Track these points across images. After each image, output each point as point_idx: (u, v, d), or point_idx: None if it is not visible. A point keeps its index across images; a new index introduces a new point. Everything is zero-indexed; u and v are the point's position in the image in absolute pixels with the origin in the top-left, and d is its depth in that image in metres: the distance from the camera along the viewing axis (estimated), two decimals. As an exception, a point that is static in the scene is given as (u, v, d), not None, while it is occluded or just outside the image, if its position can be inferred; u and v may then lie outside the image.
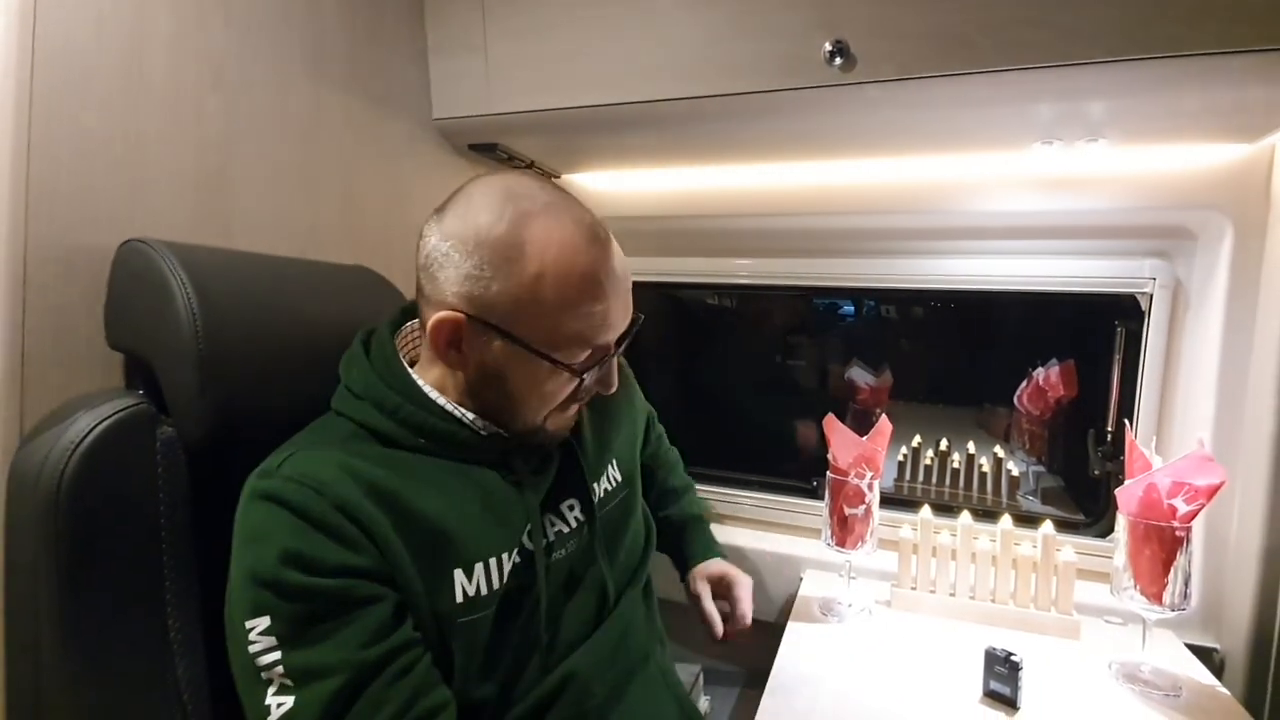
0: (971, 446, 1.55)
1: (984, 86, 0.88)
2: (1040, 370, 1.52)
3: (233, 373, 0.68)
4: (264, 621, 0.54)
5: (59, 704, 0.58)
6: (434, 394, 0.67)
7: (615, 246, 0.66)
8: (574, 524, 0.74)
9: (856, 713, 0.85)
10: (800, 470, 1.55)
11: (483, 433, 0.68)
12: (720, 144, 1.22)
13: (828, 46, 0.90)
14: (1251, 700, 0.99)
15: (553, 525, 0.72)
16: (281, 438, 0.79)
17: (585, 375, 0.65)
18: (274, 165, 0.90)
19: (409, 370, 0.68)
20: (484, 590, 0.62)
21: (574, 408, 0.70)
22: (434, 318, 0.62)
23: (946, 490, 1.52)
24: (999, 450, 1.53)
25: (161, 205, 0.76)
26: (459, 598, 0.61)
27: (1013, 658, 0.86)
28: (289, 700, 0.53)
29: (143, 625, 0.63)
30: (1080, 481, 1.44)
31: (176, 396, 0.66)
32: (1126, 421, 1.05)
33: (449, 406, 0.67)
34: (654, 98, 1.03)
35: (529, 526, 0.67)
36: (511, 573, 0.65)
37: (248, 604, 0.55)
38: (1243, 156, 1.03)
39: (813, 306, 1.88)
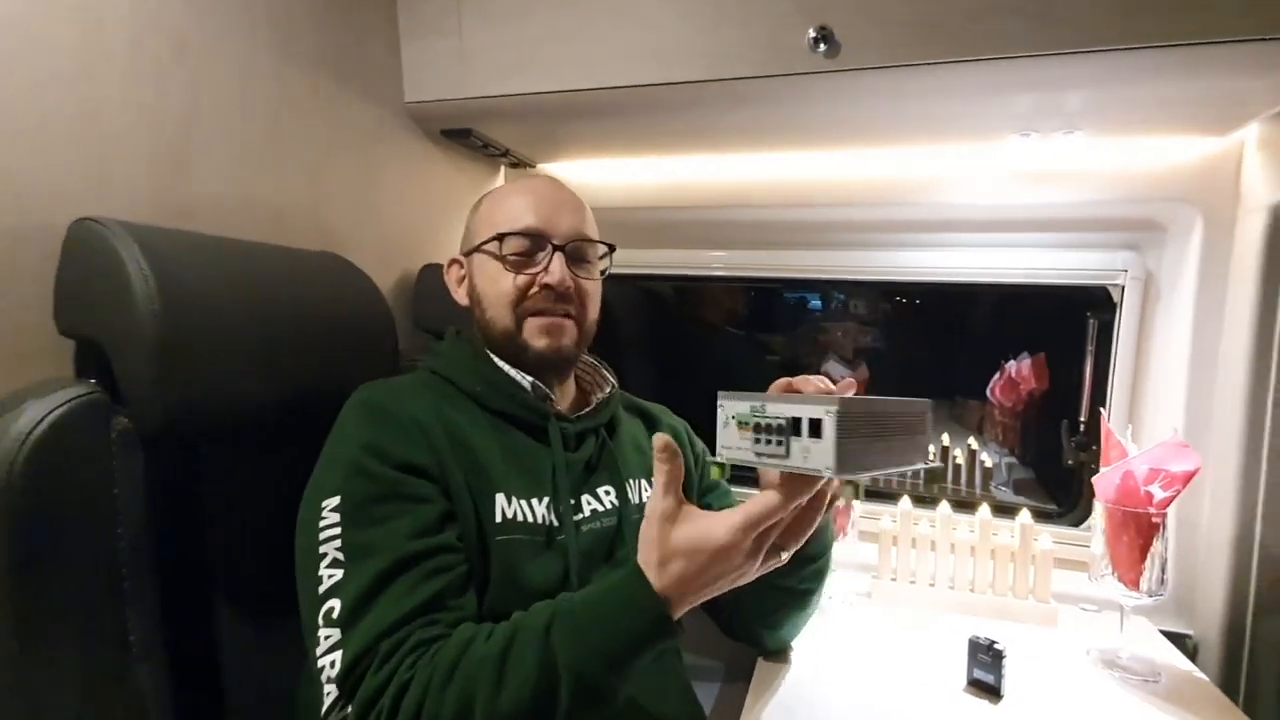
0: (946, 439, 1.56)
1: (967, 75, 0.88)
2: (1012, 363, 1.54)
3: (193, 361, 0.65)
4: (336, 499, 0.64)
5: (11, 710, 0.54)
6: (493, 356, 0.80)
7: (556, 178, 0.85)
8: (608, 506, 0.79)
9: (843, 705, 0.84)
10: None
11: (523, 382, 0.78)
12: (699, 133, 1.21)
13: (812, 33, 0.89)
14: (1226, 685, 1.01)
15: (588, 503, 0.78)
16: (246, 430, 0.75)
17: (514, 257, 0.77)
18: (238, 145, 0.86)
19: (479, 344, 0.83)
20: (520, 518, 0.71)
21: (547, 320, 0.77)
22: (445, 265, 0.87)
23: (922, 482, 1.53)
24: (973, 442, 1.55)
25: (117, 183, 0.72)
26: (498, 517, 0.70)
27: (996, 646, 0.86)
28: (339, 573, 0.61)
29: (99, 627, 0.59)
30: (1052, 472, 1.46)
31: (132, 386, 0.62)
32: (1102, 410, 1.06)
33: (499, 363, 0.80)
34: (634, 83, 1.01)
35: (559, 490, 0.75)
36: (545, 519, 0.73)
37: (328, 484, 0.65)
38: (1212, 150, 1.05)
39: (784, 300, 1.88)
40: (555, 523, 0.74)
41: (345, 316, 0.86)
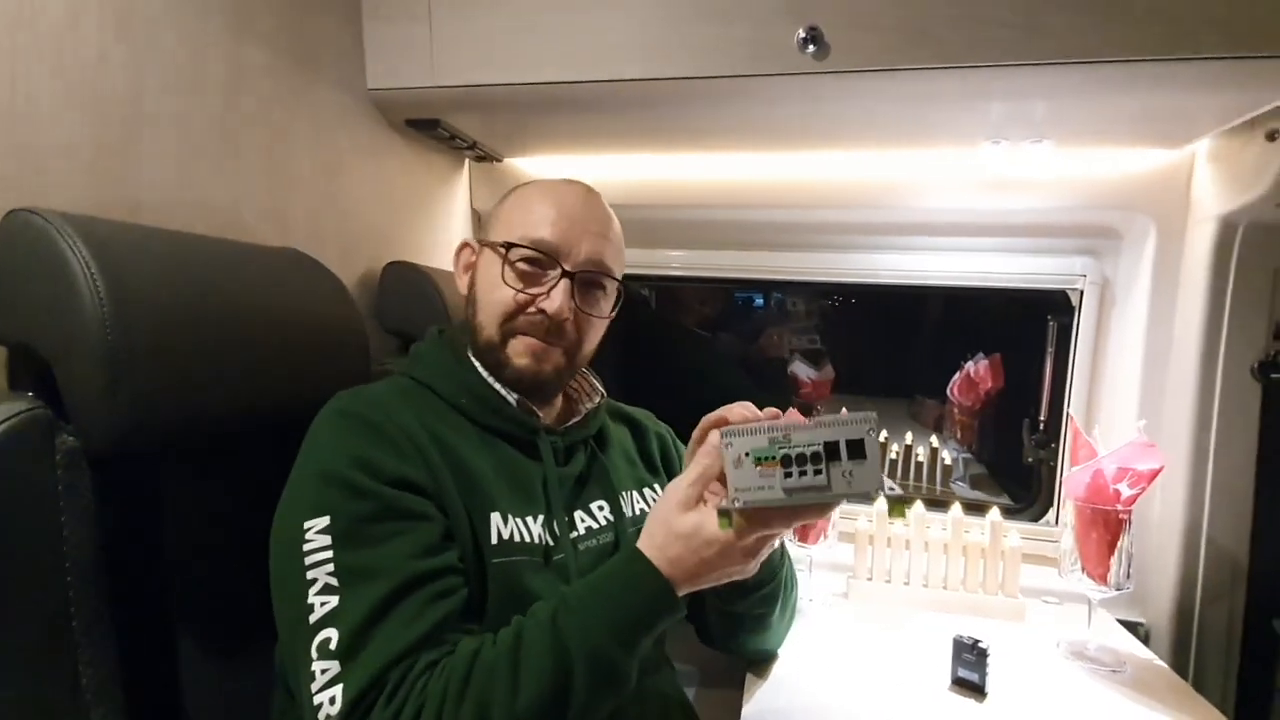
0: (909, 437, 1.60)
1: (950, 81, 0.89)
2: (971, 363, 1.59)
3: (148, 369, 0.58)
4: (323, 520, 0.58)
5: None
6: (477, 365, 0.75)
7: (591, 192, 0.76)
8: (603, 522, 0.76)
9: (838, 709, 0.84)
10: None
11: (509, 398, 0.73)
12: (675, 131, 1.19)
13: (801, 33, 0.88)
14: (1177, 668, 1.06)
15: (582, 520, 0.74)
16: (207, 446, 0.69)
17: (518, 269, 0.71)
18: (189, 131, 0.78)
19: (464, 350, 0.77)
20: (517, 539, 0.67)
21: (533, 344, 0.72)
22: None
23: (896, 479, 1.57)
24: (934, 440, 1.59)
25: (53, 172, 0.64)
26: (494, 539, 0.65)
27: (980, 645, 0.87)
28: (333, 600, 0.55)
29: (49, 672, 0.53)
30: (1009, 468, 1.52)
31: (79, 398, 0.55)
32: (1071, 413, 1.10)
33: (483, 373, 0.74)
34: (614, 77, 0.98)
35: (553, 507, 0.71)
36: (541, 538, 0.68)
37: (310, 503, 0.59)
38: (1166, 162, 1.10)
39: (748, 301, 1.89)
40: (551, 542, 0.70)
41: (312, 319, 0.80)
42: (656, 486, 0.85)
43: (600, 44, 0.97)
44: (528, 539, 0.68)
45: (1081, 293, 1.23)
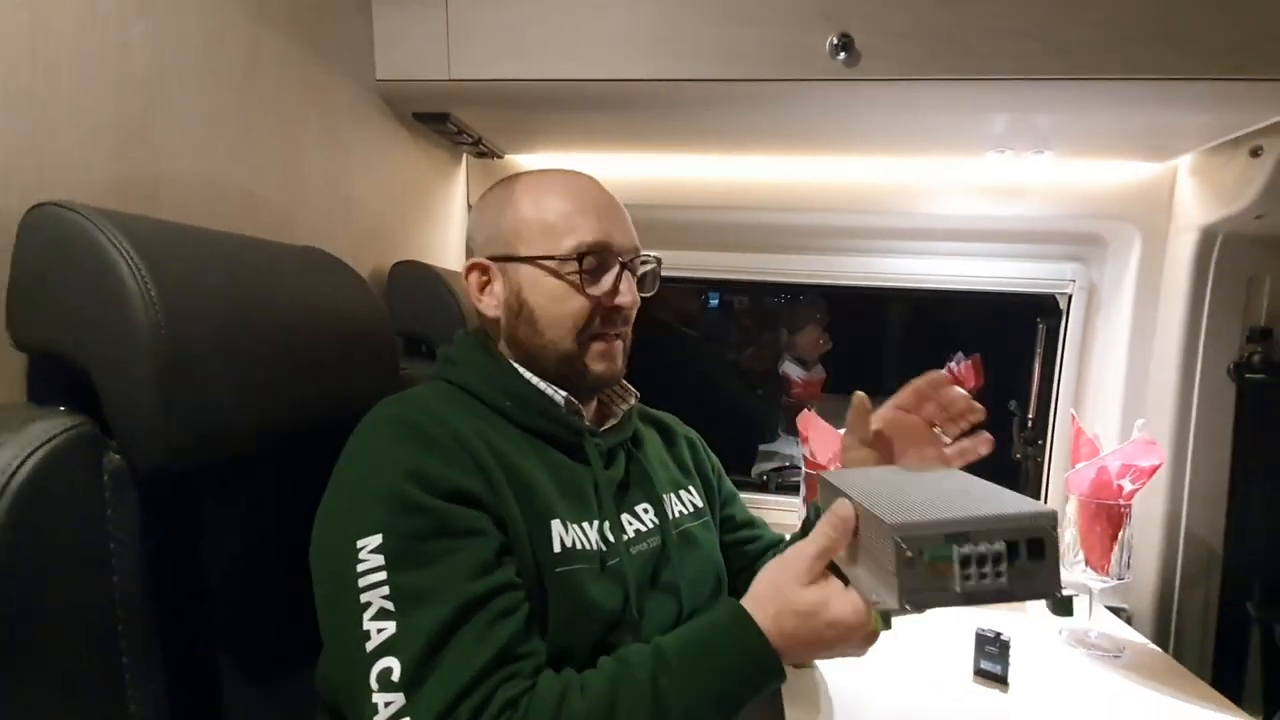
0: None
1: (971, 92, 0.92)
2: (953, 363, 1.65)
3: (201, 380, 0.54)
4: (376, 539, 0.54)
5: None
6: (518, 366, 0.72)
7: (594, 179, 0.75)
8: (649, 525, 0.74)
9: (875, 703, 0.85)
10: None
11: (556, 397, 0.70)
12: (687, 132, 1.19)
13: (833, 39, 0.89)
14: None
15: (630, 524, 0.72)
16: (256, 459, 0.65)
17: (587, 276, 0.68)
18: (209, 117, 0.73)
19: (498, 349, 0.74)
20: (578, 546, 0.64)
21: (608, 344, 0.71)
22: (465, 268, 0.74)
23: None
24: (921, 438, 1.64)
25: (72, 160, 0.58)
26: (556, 547, 0.62)
27: (1002, 637, 0.91)
28: (390, 626, 0.52)
29: (97, 706, 0.48)
30: (991, 464, 1.58)
31: (127, 412, 0.51)
32: (1073, 412, 1.16)
33: (526, 374, 0.71)
34: (639, 76, 0.96)
35: (605, 511, 0.69)
36: (597, 544, 0.66)
37: (361, 519, 0.55)
38: (1152, 175, 1.17)
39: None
40: (605, 548, 0.68)
41: (343, 323, 0.76)
42: (692, 489, 0.84)
43: (626, 41, 0.95)
44: (587, 546, 0.66)
45: (1070, 297, 1.29)
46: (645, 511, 0.75)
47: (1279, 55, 0.84)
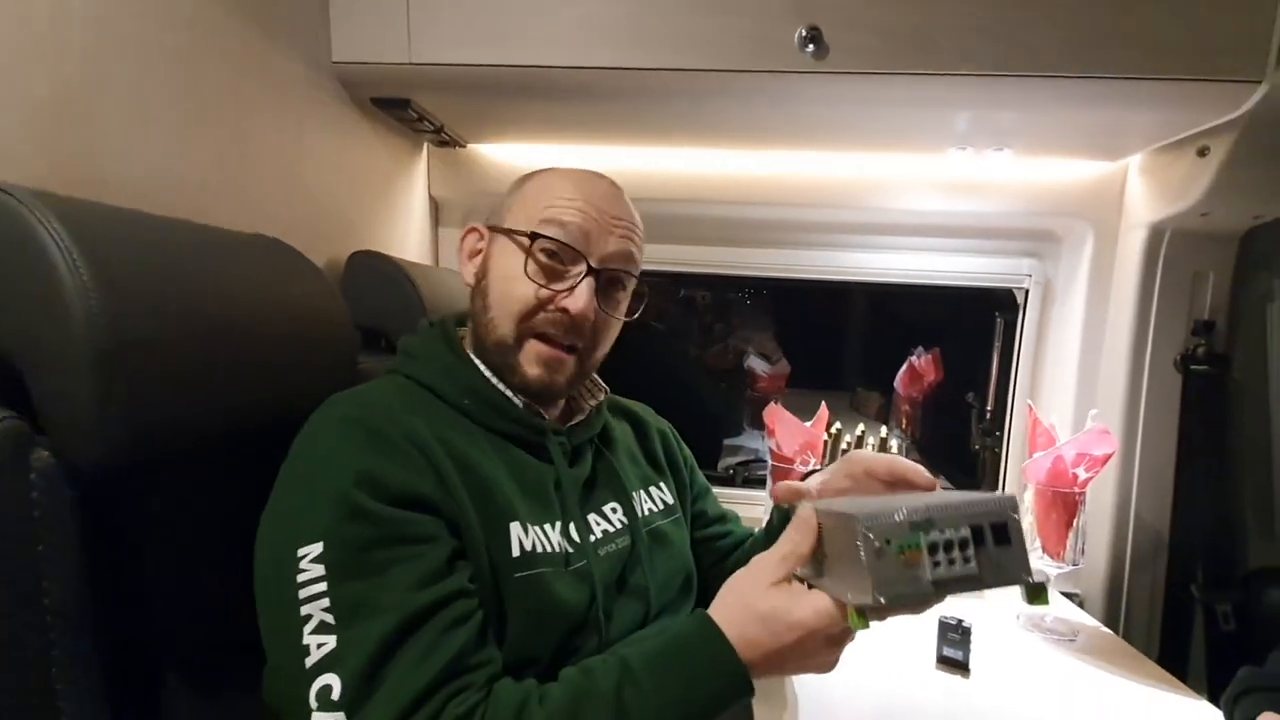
0: (861, 428, 1.66)
1: (937, 88, 0.93)
2: (915, 357, 1.68)
3: (142, 373, 0.50)
4: (317, 548, 0.51)
5: None
6: (478, 363, 0.69)
7: (618, 187, 0.72)
8: (618, 525, 0.72)
9: (826, 692, 0.86)
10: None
11: (515, 399, 0.69)
12: (652, 123, 1.17)
13: (802, 32, 0.89)
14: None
15: (597, 524, 0.70)
16: (204, 457, 0.61)
17: (543, 263, 0.65)
18: (152, 92, 0.69)
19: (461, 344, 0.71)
20: (539, 549, 0.62)
21: (551, 350, 0.67)
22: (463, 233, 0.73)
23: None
24: (883, 430, 1.67)
25: (4, 138, 0.54)
26: (515, 551, 0.60)
27: (964, 624, 0.92)
28: (330, 640, 0.49)
29: (26, 731, 0.44)
30: (949, 454, 1.62)
31: (60, 406, 0.47)
32: (1030, 403, 1.19)
33: (486, 373, 0.69)
34: (607, 64, 0.95)
35: (568, 511, 0.67)
36: (560, 547, 0.64)
37: (304, 526, 0.53)
38: (1104, 173, 1.21)
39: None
40: (570, 549, 0.65)
41: (298, 313, 0.72)
42: (663, 485, 0.83)
43: (593, 28, 0.93)
44: (549, 548, 0.63)
45: (1027, 292, 1.33)
46: (614, 511, 0.73)
47: (1226, 59, 0.87)
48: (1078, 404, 1.26)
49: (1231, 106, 0.91)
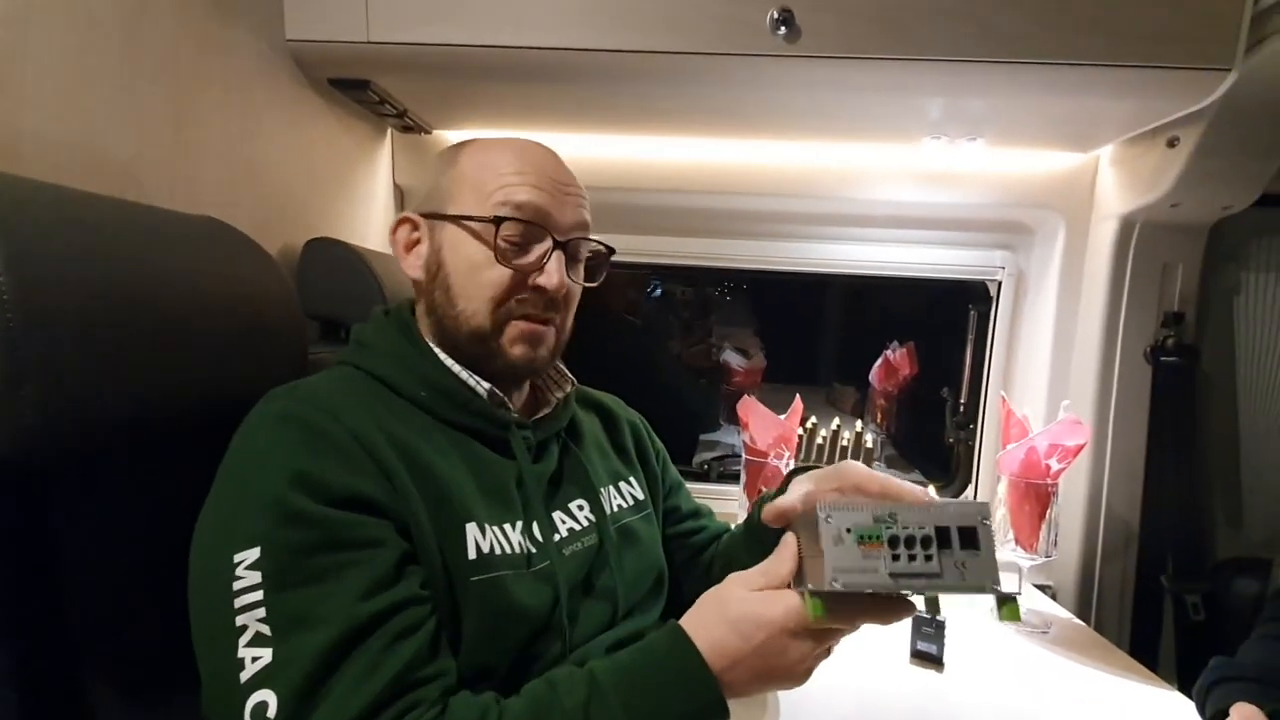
0: (836, 422, 1.66)
1: (910, 74, 0.91)
2: (890, 351, 1.68)
3: (58, 359, 0.47)
4: (254, 554, 0.48)
5: None
6: (438, 351, 0.66)
7: (553, 150, 0.69)
8: (584, 523, 0.69)
9: (801, 690, 0.84)
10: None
11: (478, 388, 0.65)
12: (620, 109, 1.14)
13: (774, 13, 0.87)
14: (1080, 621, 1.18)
15: (563, 522, 0.67)
16: (138, 452, 0.57)
17: (510, 245, 0.63)
18: (85, 66, 0.64)
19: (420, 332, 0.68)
20: (498, 551, 0.59)
21: (531, 326, 0.65)
22: (394, 223, 0.69)
23: (821, 463, 1.62)
24: (859, 425, 1.66)
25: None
26: (472, 553, 0.57)
27: (938, 617, 0.91)
28: (266, 654, 0.46)
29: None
30: (924, 448, 1.62)
31: (-37, 395, 0.43)
32: (1004, 394, 1.18)
33: (448, 361, 0.65)
34: (572, 45, 0.92)
35: (531, 509, 0.64)
36: (522, 547, 0.61)
37: (239, 531, 0.49)
38: (1074, 165, 1.21)
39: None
40: (533, 549, 0.62)
41: (241, 300, 0.68)
42: (634, 480, 0.80)
43: (561, 7, 0.90)
44: (509, 550, 0.60)
45: (1000, 284, 1.32)
46: (580, 509, 0.70)
47: (1195, 46, 0.87)
48: (1050, 395, 1.26)
49: (1201, 94, 0.91)
